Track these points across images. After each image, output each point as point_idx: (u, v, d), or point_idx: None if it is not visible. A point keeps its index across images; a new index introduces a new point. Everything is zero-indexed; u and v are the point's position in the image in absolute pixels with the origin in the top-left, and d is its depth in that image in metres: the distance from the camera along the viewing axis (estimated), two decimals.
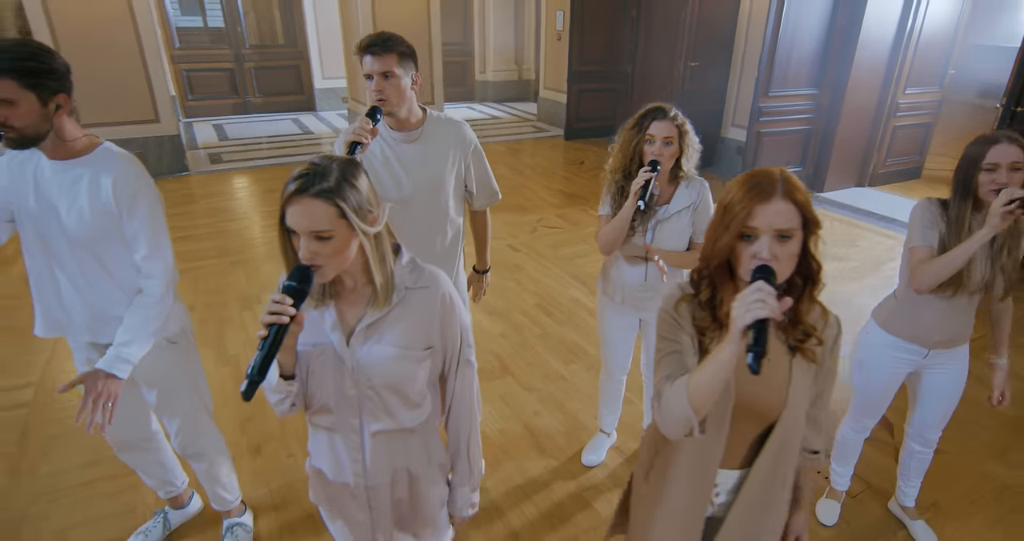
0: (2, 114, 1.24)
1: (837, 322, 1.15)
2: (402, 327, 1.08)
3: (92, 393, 1.36)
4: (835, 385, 1.20)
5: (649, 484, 1.30)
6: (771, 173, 1.05)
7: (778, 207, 1.00)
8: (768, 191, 1.01)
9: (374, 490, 1.13)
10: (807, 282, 1.08)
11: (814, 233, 1.04)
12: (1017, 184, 1.58)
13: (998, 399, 1.82)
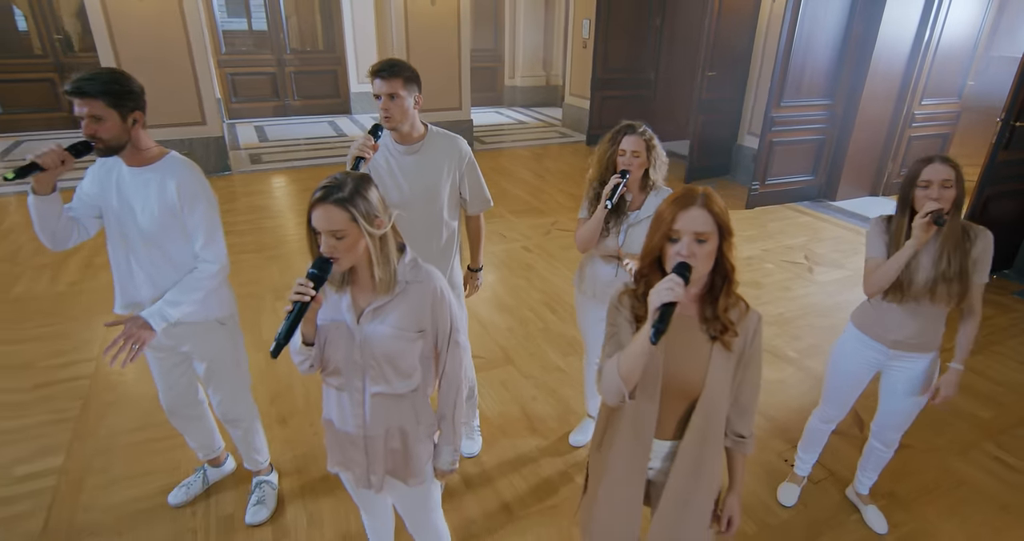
0: (92, 128, 1.57)
1: (757, 317, 1.38)
2: (400, 312, 1.36)
3: (127, 333, 1.67)
4: (760, 374, 1.42)
5: (600, 453, 1.53)
6: (695, 189, 1.29)
7: (696, 214, 1.23)
8: (689, 201, 1.25)
9: (371, 439, 1.41)
10: (724, 281, 1.32)
11: (727, 240, 1.27)
12: (948, 200, 1.77)
13: (935, 396, 1.98)
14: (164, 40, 5.88)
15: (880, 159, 6.05)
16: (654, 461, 1.45)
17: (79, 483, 2.31)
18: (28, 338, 3.30)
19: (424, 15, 6.89)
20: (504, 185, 6.37)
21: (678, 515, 1.44)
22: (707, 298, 1.33)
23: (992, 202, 4.09)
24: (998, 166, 3.93)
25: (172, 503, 2.21)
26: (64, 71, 8.41)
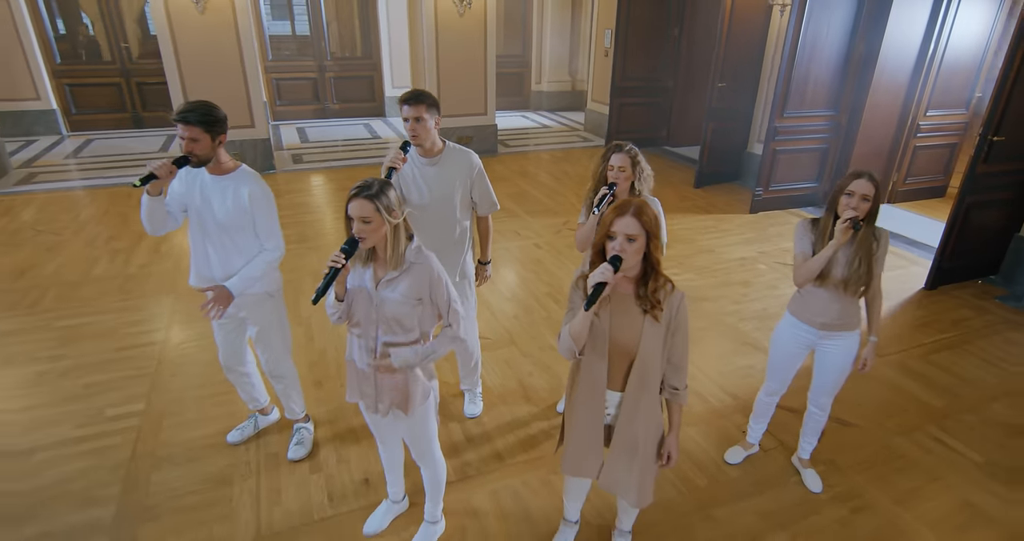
0: (191, 147, 2.09)
1: (680, 296, 1.80)
2: (406, 284, 1.82)
3: (216, 298, 2.22)
4: (687, 340, 1.84)
5: (570, 405, 1.98)
6: (631, 201, 1.73)
7: (628, 221, 1.67)
8: (624, 211, 1.69)
9: (379, 376, 1.89)
10: (652, 270, 1.75)
11: (653, 241, 1.70)
12: (863, 211, 2.16)
13: (862, 364, 2.37)
14: (220, 51, 6.52)
15: (885, 168, 6.30)
16: (610, 408, 1.89)
17: (157, 423, 2.86)
18: (109, 310, 3.91)
19: (453, 28, 7.39)
20: (524, 187, 6.83)
21: (628, 451, 1.87)
22: (640, 282, 1.76)
23: (973, 210, 4.37)
24: (978, 177, 4.21)
25: (230, 441, 2.74)
26: (129, 76, 9.21)
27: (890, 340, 3.81)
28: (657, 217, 1.74)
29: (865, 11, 5.54)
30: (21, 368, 3.29)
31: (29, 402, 3.02)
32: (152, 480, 2.53)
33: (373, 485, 2.53)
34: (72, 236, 5.19)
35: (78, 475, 2.55)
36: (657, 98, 8.51)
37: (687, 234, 5.51)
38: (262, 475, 2.58)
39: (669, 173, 7.49)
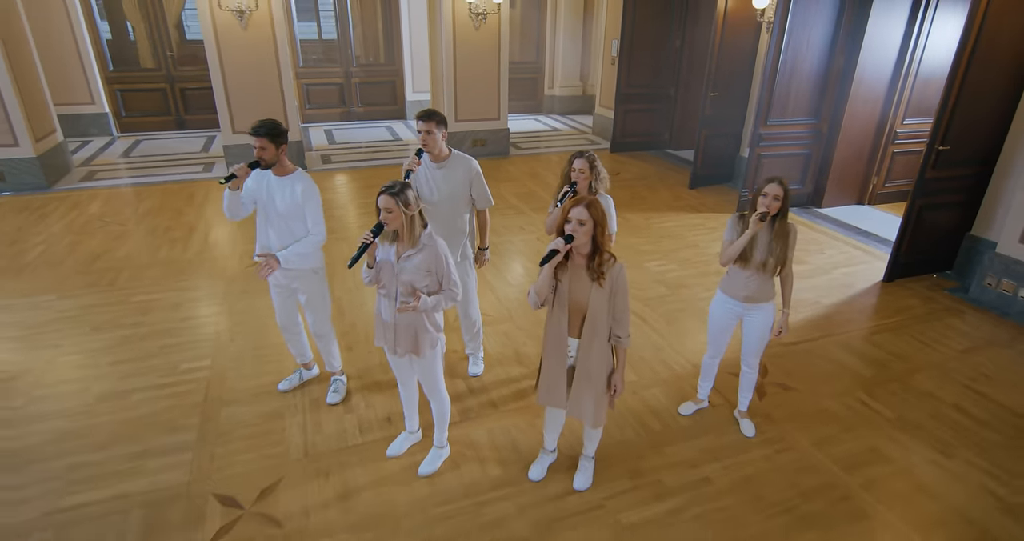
0: (261, 153, 2.78)
1: (620, 267, 2.42)
2: (419, 260, 2.48)
3: (267, 262, 2.87)
4: (626, 300, 2.45)
5: (543, 351, 2.63)
6: (585, 197, 2.36)
7: (580, 210, 2.30)
8: (578, 203, 2.33)
9: (398, 326, 2.55)
10: (598, 249, 2.38)
11: (599, 228, 2.33)
12: (774, 208, 2.76)
13: (777, 332, 2.97)
14: (259, 62, 7.27)
15: (865, 172, 6.82)
16: (571, 352, 2.53)
17: (222, 375, 3.57)
18: (174, 288, 4.65)
19: (469, 41, 8.06)
20: (532, 187, 7.47)
21: (585, 383, 2.51)
22: (590, 258, 2.39)
23: (926, 211, 4.91)
24: (927, 182, 4.75)
25: (280, 389, 3.43)
26: (173, 82, 10.04)
27: (840, 323, 4.38)
28: (604, 211, 2.37)
29: (843, 28, 6.07)
30: (109, 333, 4.03)
31: (120, 357, 3.75)
32: (222, 415, 3.24)
33: (394, 422, 3.20)
34: (134, 226, 5.96)
35: (165, 410, 3.27)
36: (659, 105, 9.08)
37: (677, 231, 6.11)
38: (307, 413, 3.27)
39: (667, 175, 8.07)
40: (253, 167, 2.83)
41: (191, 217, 6.28)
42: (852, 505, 2.75)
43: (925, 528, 2.63)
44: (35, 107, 7.02)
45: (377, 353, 3.82)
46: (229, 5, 6.75)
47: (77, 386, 3.47)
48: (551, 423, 2.82)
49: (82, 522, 2.57)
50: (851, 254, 5.60)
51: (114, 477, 2.81)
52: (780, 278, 2.93)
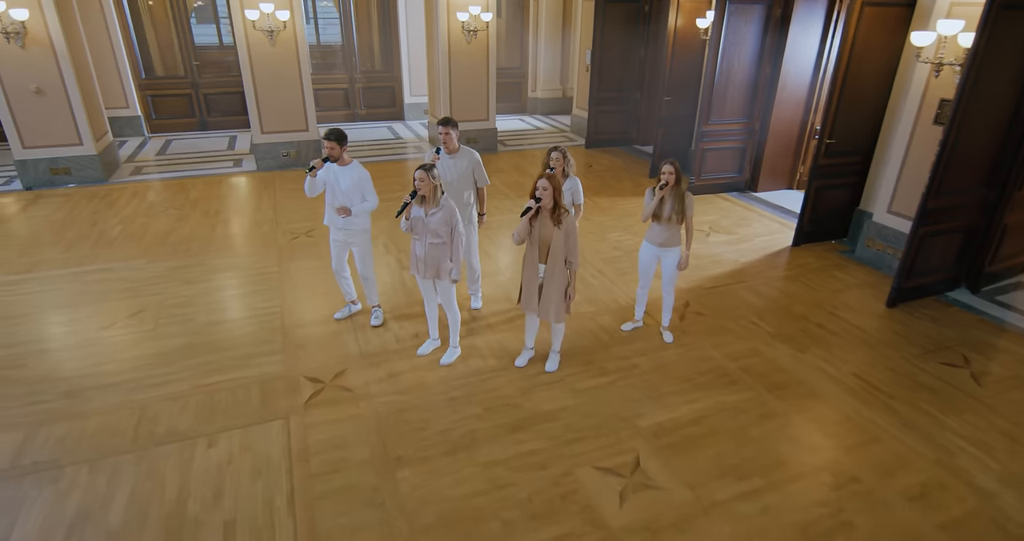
0: (330, 152, 4.11)
1: (571, 218, 3.79)
2: (440, 215, 3.82)
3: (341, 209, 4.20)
4: (576, 239, 3.81)
5: (523, 275, 4.00)
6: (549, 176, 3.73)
7: (543, 181, 3.67)
8: (543, 177, 3.69)
9: (427, 258, 3.89)
10: (556, 207, 3.74)
11: (556, 192, 3.68)
12: (672, 180, 4.12)
13: (683, 267, 4.34)
14: (283, 72, 8.56)
15: (792, 162, 8.25)
16: (541, 273, 3.89)
17: (290, 310, 4.90)
18: (237, 255, 5.96)
19: (462, 52, 9.39)
20: (518, 178, 8.82)
21: (550, 292, 3.87)
22: (552, 211, 3.75)
23: (822, 192, 6.32)
24: (820, 168, 6.16)
25: (336, 317, 4.77)
26: (198, 89, 11.27)
27: (751, 274, 5.78)
28: (560, 183, 3.74)
29: (768, 43, 7.48)
30: (197, 285, 5.33)
31: (211, 300, 5.06)
32: (297, 333, 4.57)
33: (420, 337, 4.54)
34: (189, 211, 7.24)
35: (254, 333, 4.59)
36: (626, 106, 10.47)
37: (636, 211, 7.48)
38: (357, 332, 4.61)
39: (632, 166, 9.47)
40: (326, 161, 4.16)
41: (233, 203, 7.56)
42: (730, 378, 4.14)
43: (775, 389, 4.02)
44: (93, 111, 8.25)
45: (402, 294, 5.17)
46: (262, 26, 8.02)
47: (185, 318, 4.78)
48: (529, 326, 4.18)
49: (220, 392, 3.90)
50: (772, 227, 7.02)
51: (232, 368, 4.14)
52: (684, 228, 4.30)
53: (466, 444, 3.46)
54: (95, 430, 3.53)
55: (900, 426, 3.67)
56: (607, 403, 3.85)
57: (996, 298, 5.37)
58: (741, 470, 3.29)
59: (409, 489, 3.13)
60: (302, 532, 2.86)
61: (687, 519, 2.97)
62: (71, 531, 2.86)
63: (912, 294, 5.25)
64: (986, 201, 5.17)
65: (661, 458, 3.37)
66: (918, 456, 3.43)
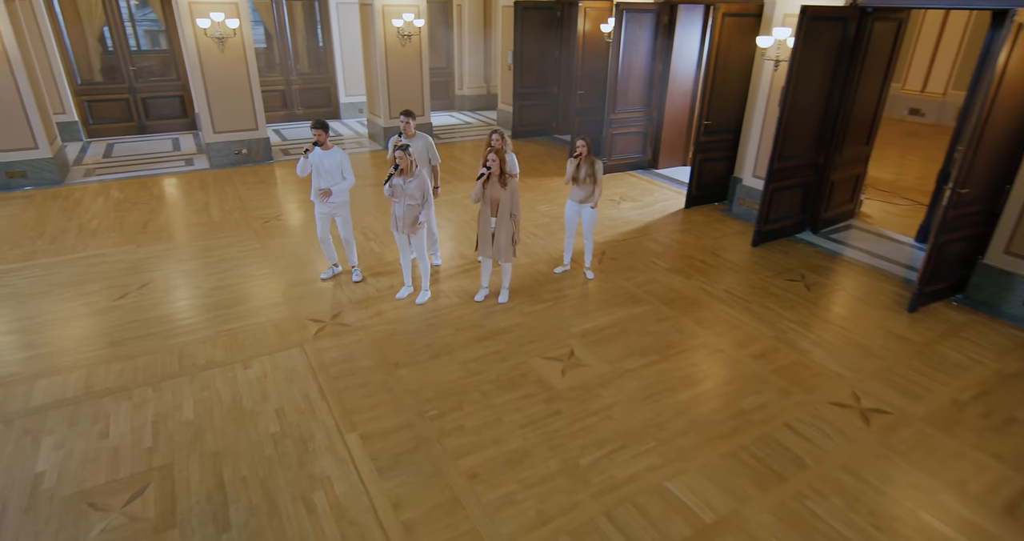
0: (319, 139, 5.12)
1: (514, 181, 5.02)
2: (415, 183, 4.94)
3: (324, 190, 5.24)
4: (517, 199, 5.04)
5: (478, 227, 5.19)
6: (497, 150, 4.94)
7: (493, 154, 4.88)
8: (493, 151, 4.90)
9: (402, 217, 5.00)
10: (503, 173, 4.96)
11: (502, 162, 4.90)
12: (585, 151, 5.45)
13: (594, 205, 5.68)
14: (233, 76, 9.27)
15: (684, 143, 9.87)
16: (492, 225, 5.10)
17: (281, 275, 5.85)
18: (219, 237, 6.78)
19: (398, 54, 10.41)
20: (453, 165, 9.97)
21: (500, 238, 5.09)
22: (499, 176, 4.97)
23: (704, 164, 7.89)
24: (701, 144, 7.72)
25: (322, 277, 5.77)
26: (136, 93, 11.64)
27: (652, 230, 7.25)
28: (506, 156, 4.96)
29: (658, 44, 9.01)
30: (192, 262, 6.15)
31: (209, 272, 5.92)
32: (291, 291, 5.54)
33: (395, 287, 5.63)
34: (158, 204, 7.90)
35: (254, 293, 5.53)
36: (547, 100, 11.84)
37: (559, 187, 8.82)
38: (343, 287, 5.64)
39: (554, 152, 10.84)
40: (316, 146, 5.17)
41: (200, 197, 8.27)
42: (636, 298, 5.51)
43: (668, 303, 5.43)
44: (45, 115, 8.66)
45: (372, 258, 6.23)
46: (213, 33, 8.73)
47: (191, 285, 5.64)
48: (484, 269, 5.38)
49: (241, 333, 4.84)
50: (669, 195, 8.57)
51: (246, 317, 5.08)
52: (595, 188, 5.63)
53: (446, 351, 4.62)
54: (145, 365, 4.41)
55: (753, 319, 5.17)
56: (547, 319, 5.12)
57: (831, 236, 7.10)
58: (643, 351, 4.65)
59: (409, 380, 4.26)
60: (335, 409, 3.94)
61: (607, 381, 4.28)
62: (156, 425, 3.79)
63: (769, 236, 6.87)
64: (816, 163, 6.85)
65: (588, 348, 4.68)
66: (763, 335, 4.92)
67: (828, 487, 3.36)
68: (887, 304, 5.49)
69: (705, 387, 4.26)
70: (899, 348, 4.78)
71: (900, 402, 4.11)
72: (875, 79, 6.75)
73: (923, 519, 3.17)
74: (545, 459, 3.53)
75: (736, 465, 3.52)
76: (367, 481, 3.35)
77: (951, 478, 3.45)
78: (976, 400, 4.15)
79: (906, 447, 3.69)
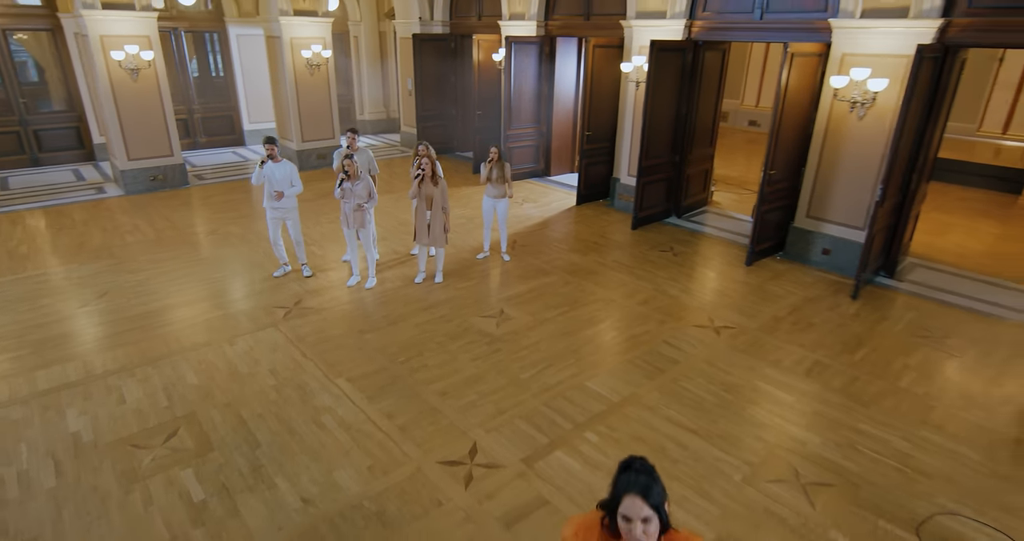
0: (271, 152, 5.98)
1: (443, 180, 6.17)
2: (361, 185, 5.94)
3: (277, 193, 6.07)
4: (447, 195, 6.19)
5: (415, 220, 6.27)
6: (428, 155, 6.08)
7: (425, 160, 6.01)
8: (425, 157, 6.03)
9: (351, 215, 5.97)
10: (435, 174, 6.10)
11: (433, 167, 6.04)
12: (495, 157, 6.74)
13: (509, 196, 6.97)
14: (147, 104, 9.66)
15: (570, 153, 11.52)
16: (428, 217, 6.21)
17: (237, 277, 6.56)
18: (163, 251, 7.28)
19: (307, 82, 11.23)
20: None
21: (434, 228, 6.21)
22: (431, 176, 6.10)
23: (589, 168, 9.49)
24: (585, 151, 9.32)
25: (275, 275, 6.54)
26: (27, 125, 11.46)
27: (551, 222, 8.67)
28: (435, 160, 6.12)
29: (543, 70, 10.61)
30: (144, 273, 6.65)
31: (165, 280, 6.47)
32: (251, 288, 6.27)
33: (344, 278, 6.54)
34: (85, 229, 8.15)
35: (215, 292, 6.21)
36: (447, 121, 13.12)
37: (469, 195, 10.06)
38: (296, 282, 6.45)
39: (458, 167, 12.11)
40: (268, 159, 6.01)
41: (126, 220, 8.59)
42: (545, 271, 6.82)
43: (571, 273, 6.79)
44: None
45: (316, 258, 7.07)
46: (128, 65, 9.13)
47: (150, 291, 6.18)
48: (421, 255, 6.46)
49: (215, 320, 5.55)
50: (562, 196, 10.10)
51: (216, 309, 5.77)
52: (506, 186, 6.92)
53: (401, 318, 5.65)
54: (137, 351, 5.03)
55: (636, 279, 6.66)
56: (478, 291, 6.29)
57: (691, 219, 8.90)
58: (556, 306, 5.95)
59: (375, 341, 5.24)
60: (320, 364, 4.83)
61: (532, 327, 5.51)
62: (167, 390, 4.49)
63: (644, 221, 8.53)
64: (674, 162, 8.64)
65: (514, 307, 5.90)
66: (645, 288, 6.41)
67: (694, 372, 4.80)
68: (732, 262, 7.23)
69: (605, 324, 5.62)
70: (740, 289, 6.45)
71: (740, 320, 5.71)
72: (711, 95, 8.69)
73: (756, 384, 4.67)
74: (494, 378, 4.68)
75: (631, 367, 4.86)
76: (361, 406, 4.31)
77: (772, 359, 5.02)
78: (789, 315, 5.84)
79: (744, 346, 5.24)
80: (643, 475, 1.64)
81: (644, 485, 1.61)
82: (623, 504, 1.61)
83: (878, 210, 6.02)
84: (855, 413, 4.32)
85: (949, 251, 7.66)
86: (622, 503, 1.62)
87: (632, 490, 1.60)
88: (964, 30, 5.79)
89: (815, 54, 6.67)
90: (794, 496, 3.53)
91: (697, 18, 7.84)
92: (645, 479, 1.63)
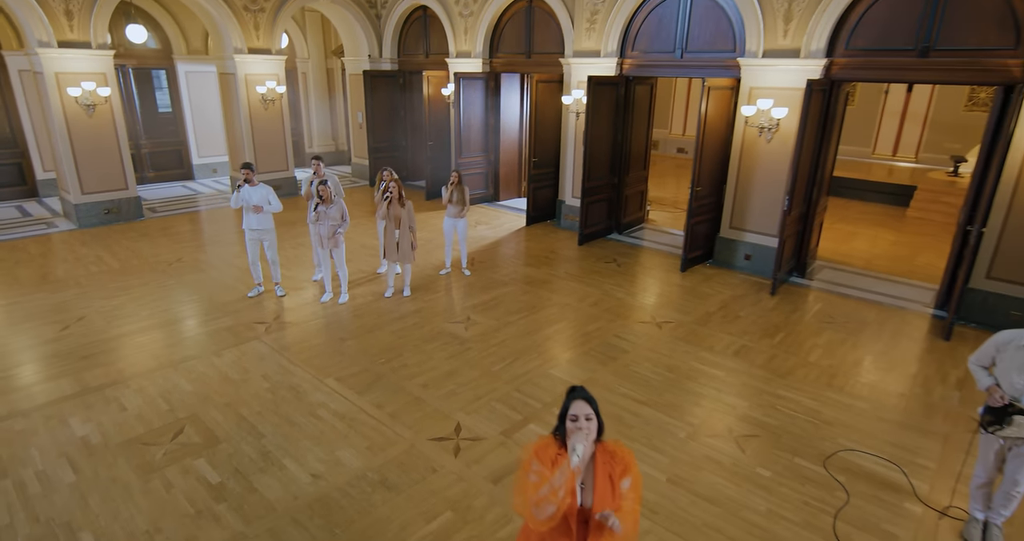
0: (248, 177, 6.43)
1: (409, 203, 6.78)
2: (335, 208, 6.46)
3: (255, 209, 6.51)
4: (413, 216, 6.79)
5: (384, 239, 6.82)
6: (395, 179, 6.69)
7: (392, 184, 6.62)
8: (392, 181, 6.64)
9: (323, 237, 6.47)
10: (401, 196, 6.70)
11: (400, 188, 6.65)
12: (456, 181, 7.43)
13: (463, 215, 7.63)
14: (102, 139, 9.83)
15: (517, 179, 12.37)
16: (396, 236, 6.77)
17: (211, 299, 6.86)
18: (131, 278, 7.48)
19: (261, 116, 11.65)
20: None
21: (403, 245, 6.78)
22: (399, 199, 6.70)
23: (536, 191, 10.32)
24: (532, 176, 10.15)
25: (249, 295, 6.90)
26: None
27: (504, 242, 9.38)
28: (400, 184, 6.73)
29: (489, 103, 11.47)
30: (117, 300, 6.85)
31: (139, 305, 6.71)
32: (227, 308, 6.61)
33: (317, 296, 6.97)
34: (45, 261, 8.21)
35: (193, 312, 6.51)
36: (398, 152, 13.76)
37: (428, 220, 10.67)
38: (271, 300, 6.83)
39: (412, 195, 12.70)
40: (245, 183, 6.45)
41: (86, 253, 8.68)
42: (504, 282, 7.49)
43: (528, 283, 7.49)
44: None
45: (287, 280, 7.47)
46: (84, 101, 9.32)
47: (127, 314, 6.41)
48: (389, 272, 7.00)
49: (200, 336, 5.87)
50: (513, 218, 10.87)
51: (199, 327, 6.09)
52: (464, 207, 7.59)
53: (376, 327, 6.15)
54: (127, 365, 5.30)
55: (585, 286, 7.42)
56: (444, 301, 6.88)
57: (631, 235, 9.84)
58: (517, 311, 6.61)
59: (356, 347, 5.71)
60: (308, 368, 5.27)
61: (497, 329, 6.14)
62: (165, 396, 4.81)
63: (589, 237, 9.38)
64: (613, 183, 9.59)
65: (479, 314, 6.51)
66: (594, 293, 7.17)
67: (641, 358, 5.54)
68: (668, 269, 8.14)
69: (562, 324, 6.32)
70: (676, 291, 7.32)
71: (677, 316, 6.54)
72: (643, 123, 9.75)
73: (693, 365, 5.45)
74: (469, 371, 5.26)
75: (587, 357, 5.56)
76: (352, 399, 4.78)
77: (706, 345, 5.84)
78: (719, 310, 6.73)
79: (682, 336, 6.05)
80: (585, 391, 2.22)
81: (586, 394, 2.19)
82: (571, 408, 2.14)
83: (786, 218, 7.07)
84: (774, 383, 5.16)
85: (852, 255, 8.88)
86: (570, 408, 2.15)
87: (577, 396, 2.18)
88: (844, 68, 7.01)
89: (728, 87, 7.79)
90: (728, 446, 4.26)
91: (627, 56, 8.91)
92: (587, 393, 2.21)
